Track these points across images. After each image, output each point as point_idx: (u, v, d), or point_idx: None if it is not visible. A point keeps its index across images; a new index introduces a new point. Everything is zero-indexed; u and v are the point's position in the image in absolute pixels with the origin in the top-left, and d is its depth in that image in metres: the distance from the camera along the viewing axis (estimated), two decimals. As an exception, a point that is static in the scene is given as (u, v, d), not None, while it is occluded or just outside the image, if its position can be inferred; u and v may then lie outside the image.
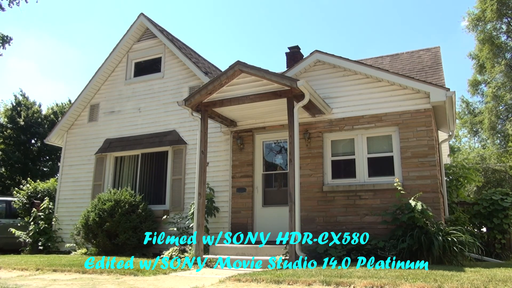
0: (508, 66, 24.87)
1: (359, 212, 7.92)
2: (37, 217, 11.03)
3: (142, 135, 10.72)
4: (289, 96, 7.36)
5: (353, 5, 62.71)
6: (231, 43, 74.16)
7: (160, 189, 10.32)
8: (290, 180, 7.02)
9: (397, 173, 7.92)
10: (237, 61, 7.55)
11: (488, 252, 8.58)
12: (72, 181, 11.45)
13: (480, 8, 25.10)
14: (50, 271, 6.32)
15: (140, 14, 11.44)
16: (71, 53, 59.95)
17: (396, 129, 8.12)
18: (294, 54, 13.10)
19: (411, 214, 6.86)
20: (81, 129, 11.81)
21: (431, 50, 11.95)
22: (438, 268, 5.59)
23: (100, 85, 11.85)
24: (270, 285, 4.70)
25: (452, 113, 8.45)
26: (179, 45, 11.16)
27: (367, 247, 6.96)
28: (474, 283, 4.17)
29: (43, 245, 10.68)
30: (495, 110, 26.21)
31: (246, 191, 9.05)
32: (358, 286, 4.30)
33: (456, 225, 8.03)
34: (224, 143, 9.61)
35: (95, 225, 9.09)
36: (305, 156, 8.51)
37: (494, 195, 9.01)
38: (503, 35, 25.79)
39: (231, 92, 7.93)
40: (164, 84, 10.85)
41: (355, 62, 8.59)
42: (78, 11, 58.72)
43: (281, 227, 8.34)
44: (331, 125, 8.59)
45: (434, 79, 10.07)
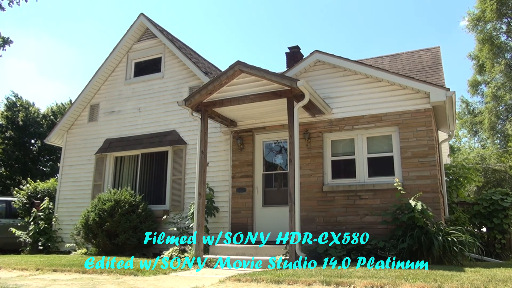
0: (508, 66, 24.87)
1: (359, 212, 7.92)
2: (37, 217, 11.03)
3: (142, 135, 10.73)
4: (289, 96, 7.36)
5: (353, 5, 62.76)
6: (231, 43, 74.22)
7: (160, 189, 10.32)
8: (290, 180, 7.03)
9: (397, 173, 7.92)
10: (237, 61, 7.55)
11: (488, 252, 8.59)
12: (72, 181, 11.46)
13: (480, 8, 25.09)
14: (50, 271, 6.33)
15: (140, 14, 11.45)
16: (71, 53, 59.99)
17: (396, 129, 8.12)
18: (294, 54, 13.11)
19: (411, 214, 6.86)
20: (81, 129, 11.81)
21: (431, 50, 11.95)
22: (438, 268, 5.59)
23: (100, 85, 11.86)
24: (270, 285, 4.70)
25: (452, 113, 8.46)
26: (179, 45, 11.17)
27: (367, 247, 6.96)
28: (474, 283, 4.17)
29: (43, 245, 10.68)
30: (495, 110, 26.21)
31: (246, 191, 9.05)
32: (358, 286, 4.30)
33: (456, 225, 8.04)
34: (224, 143, 9.62)
35: (95, 225, 9.10)
36: (305, 156, 8.51)
37: (494, 195, 9.02)
38: (503, 35, 25.80)
39: (231, 92, 7.93)
40: (164, 84, 10.86)
41: (355, 62, 8.59)
42: (77, 11, 58.77)
43: (281, 227, 8.34)
44: (331, 125, 8.59)
45: (434, 79, 10.07)
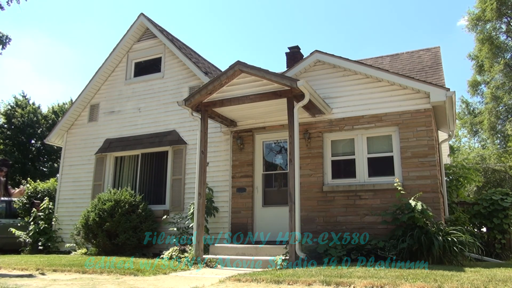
0: (507, 65, 24.86)
1: (359, 212, 7.92)
2: (37, 217, 11.03)
3: (142, 135, 10.72)
4: (289, 96, 7.36)
5: (353, 5, 62.76)
6: (231, 43, 74.21)
7: (160, 189, 10.32)
8: (290, 180, 7.02)
9: (397, 173, 7.92)
10: (237, 61, 7.55)
11: (488, 252, 8.59)
12: (72, 181, 11.46)
13: (480, 8, 25.09)
14: (50, 271, 6.32)
15: (140, 14, 11.45)
16: (70, 53, 59.99)
17: (396, 129, 8.12)
18: (294, 54, 13.11)
19: (411, 214, 6.86)
20: (81, 129, 11.81)
21: (431, 50, 11.95)
22: (438, 268, 5.59)
23: (100, 85, 11.86)
24: (270, 285, 4.69)
25: (452, 113, 8.46)
26: (179, 45, 11.16)
27: (367, 247, 6.95)
28: (474, 283, 4.17)
29: (43, 245, 10.67)
30: (495, 111, 26.21)
31: (246, 191, 9.05)
32: (358, 286, 4.30)
33: (456, 225, 8.03)
34: (224, 143, 9.61)
35: (95, 225, 9.10)
36: (305, 156, 8.51)
37: (494, 195, 9.02)
38: (502, 35, 25.81)
39: (231, 92, 7.93)
40: (164, 84, 10.86)
41: (355, 62, 8.59)
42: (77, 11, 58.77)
43: (281, 227, 8.34)
44: (331, 125, 8.59)
45: (434, 79, 10.07)
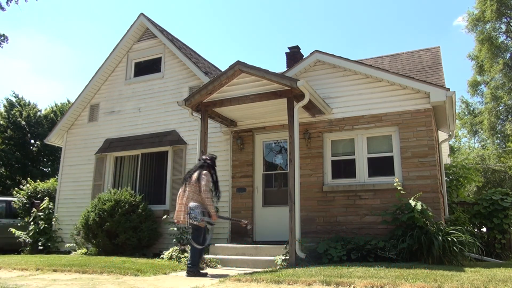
0: (507, 65, 24.85)
1: (359, 212, 7.92)
2: (37, 217, 11.03)
3: (142, 135, 10.72)
4: (289, 96, 7.36)
5: (353, 5, 62.77)
6: (231, 43, 74.22)
7: (160, 189, 10.31)
8: (290, 180, 7.02)
9: (397, 173, 7.92)
10: (237, 61, 7.55)
11: (488, 252, 8.59)
12: (72, 181, 11.45)
13: (479, 8, 25.09)
14: (50, 271, 6.32)
15: (140, 14, 11.45)
16: (70, 53, 60.00)
17: (396, 129, 8.12)
18: (294, 54, 13.10)
19: (411, 214, 6.86)
20: (81, 129, 11.81)
21: (431, 50, 11.95)
22: (438, 268, 5.59)
23: (100, 85, 11.86)
24: (270, 285, 4.69)
25: (452, 113, 8.46)
26: (179, 45, 11.16)
27: (367, 247, 6.95)
28: (474, 283, 4.18)
29: (43, 245, 10.67)
30: (495, 111, 26.21)
31: (246, 191, 9.05)
32: (358, 286, 4.30)
33: (456, 225, 8.03)
34: (224, 143, 9.61)
35: (95, 225, 9.10)
36: (305, 156, 8.51)
37: (494, 195, 9.02)
38: (502, 35, 25.80)
39: (231, 92, 7.93)
40: (164, 84, 10.85)
41: (355, 62, 8.59)
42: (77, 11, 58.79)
43: (281, 227, 8.33)
44: (331, 125, 8.59)
45: (434, 79, 10.06)
